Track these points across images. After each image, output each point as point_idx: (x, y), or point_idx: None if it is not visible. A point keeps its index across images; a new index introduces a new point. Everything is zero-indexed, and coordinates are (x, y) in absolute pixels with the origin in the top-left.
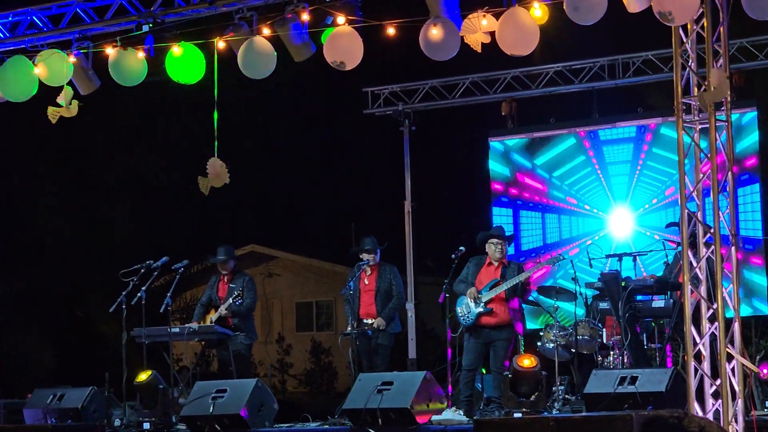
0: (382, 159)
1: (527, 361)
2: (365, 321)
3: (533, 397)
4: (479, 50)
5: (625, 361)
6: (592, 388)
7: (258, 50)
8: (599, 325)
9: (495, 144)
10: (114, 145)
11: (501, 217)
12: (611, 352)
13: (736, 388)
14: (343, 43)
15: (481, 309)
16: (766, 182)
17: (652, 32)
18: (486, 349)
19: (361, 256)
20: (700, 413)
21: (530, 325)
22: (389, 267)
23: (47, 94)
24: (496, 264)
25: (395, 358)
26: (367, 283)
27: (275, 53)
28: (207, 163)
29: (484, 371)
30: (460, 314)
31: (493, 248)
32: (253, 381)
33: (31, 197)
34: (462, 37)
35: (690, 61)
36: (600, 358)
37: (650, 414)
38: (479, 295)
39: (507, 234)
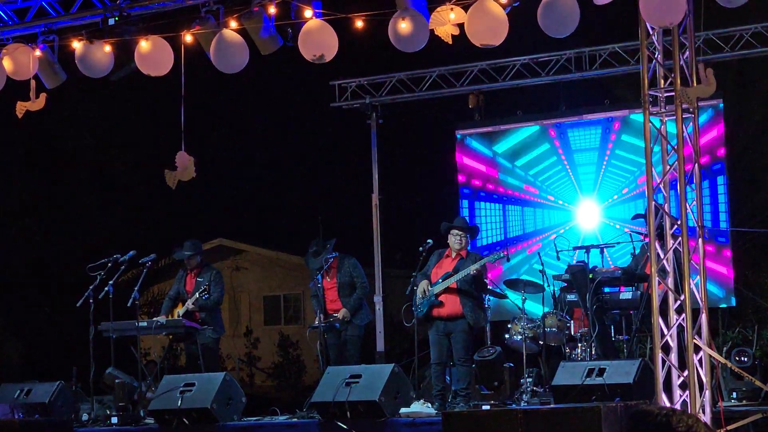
0: (349, 152)
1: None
2: (332, 316)
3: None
4: (450, 42)
5: (593, 352)
6: (560, 380)
7: (230, 44)
8: (567, 317)
9: (462, 136)
10: (81, 140)
11: (468, 209)
12: (579, 344)
13: (704, 379)
14: (317, 37)
15: (432, 300)
16: (731, 174)
17: (619, 24)
18: (448, 342)
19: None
20: (668, 404)
21: (497, 318)
22: (348, 259)
23: (13, 88)
24: (454, 256)
25: (363, 351)
26: (329, 279)
27: (246, 46)
28: (175, 157)
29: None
30: (414, 305)
31: (453, 239)
32: (221, 375)
33: None
34: (431, 30)
35: (656, 53)
36: (568, 350)
37: (638, 409)
38: (431, 288)
39: (471, 225)
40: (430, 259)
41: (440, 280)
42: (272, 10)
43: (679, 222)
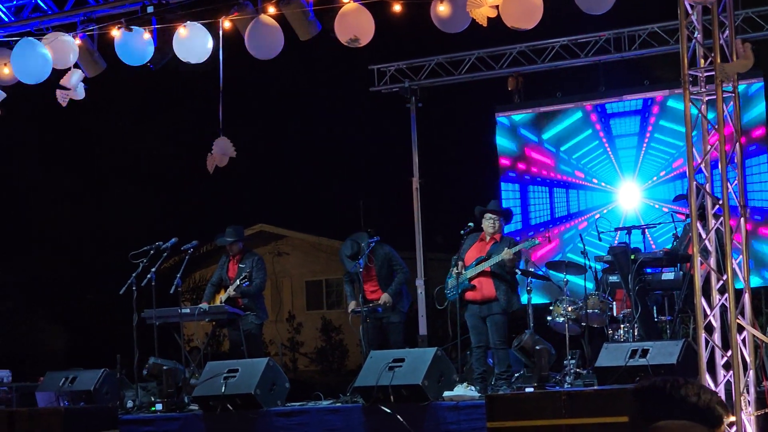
0: (389, 136)
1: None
2: (373, 302)
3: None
4: (485, 24)
5: (636, 334)
6: (604, 362)
7: (265, 30)
8: (609, 298)
9: (502, 119)
10: (120, 128)
11: (508, 192)
12: (622, 325)
13: (747, 359)
14: (353, 20)
15: (464, 284)
16: None
17: (658, 4)
18: (485, 324)
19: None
20: (712, 385)
21: (540, 300)
22: (382, 249)
23: (55, 77)
24: (488, 239)
25: (405, 335)
26: (366, 271)
27: (281, 32)
28: (213, 142)
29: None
30: (446, 288)
31: (486, 223)
32: (264, 360)
33: (39, 183)
34: (468, 12)
35: (696, 32)
36: (611, 332)
37: (641, 385)
38: (464, 272)
39: (504, 209)
40: (464, 243)
41: (473, 264)
42: None
43: (720, 202)
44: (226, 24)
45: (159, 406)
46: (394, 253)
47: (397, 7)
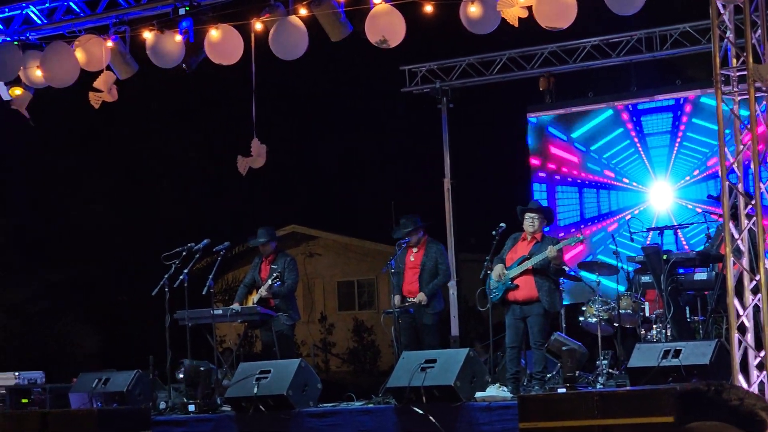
0: (421, 137)
1: None
2: (407, 299)
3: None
4: (516, 25)
5: (668, 334)
6: (636, 362)
7: (289, 30)
8: (641, 298)
9: (534, 120)
10: (154, 129)
11: (541, 192)
12: (654, 326)
13: None
14: (384, 21)
15: (507, 284)
16: None
17: (689, 4)
18: (524, 325)
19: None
20: (745, 385)
21: (575, 299)
22: (436, 245)
23: (88, 80)
24: (529, 239)
25: (441, 337)
26: (413, 259)
27: (306, 33)
28: (251, 144)
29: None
30: (488, 289)
31: (526, 222)
32: (296, 361)
33: (72, 184)
34: (498, 11)
35: (728, 32)
36: (643, 332)
37: (685, 388)
38: (506, 271)
39: (544, 207)
40: (505, 244)
41: (515, 264)
42: None
43: (753, 202)
44: (258, 26)
45: (192, 408)
46: (445, 255)
47: (428, 8)
